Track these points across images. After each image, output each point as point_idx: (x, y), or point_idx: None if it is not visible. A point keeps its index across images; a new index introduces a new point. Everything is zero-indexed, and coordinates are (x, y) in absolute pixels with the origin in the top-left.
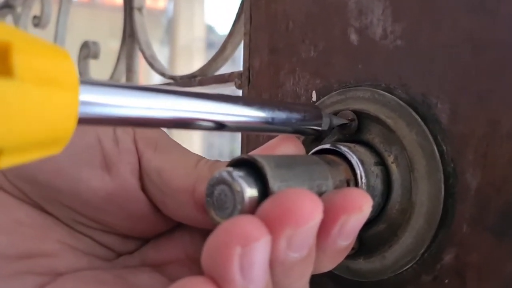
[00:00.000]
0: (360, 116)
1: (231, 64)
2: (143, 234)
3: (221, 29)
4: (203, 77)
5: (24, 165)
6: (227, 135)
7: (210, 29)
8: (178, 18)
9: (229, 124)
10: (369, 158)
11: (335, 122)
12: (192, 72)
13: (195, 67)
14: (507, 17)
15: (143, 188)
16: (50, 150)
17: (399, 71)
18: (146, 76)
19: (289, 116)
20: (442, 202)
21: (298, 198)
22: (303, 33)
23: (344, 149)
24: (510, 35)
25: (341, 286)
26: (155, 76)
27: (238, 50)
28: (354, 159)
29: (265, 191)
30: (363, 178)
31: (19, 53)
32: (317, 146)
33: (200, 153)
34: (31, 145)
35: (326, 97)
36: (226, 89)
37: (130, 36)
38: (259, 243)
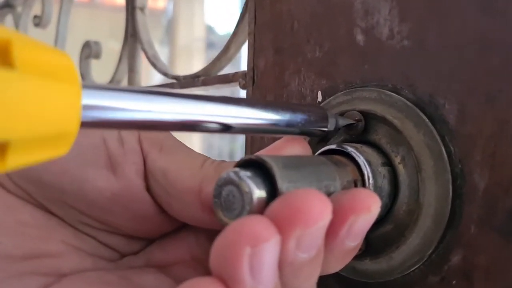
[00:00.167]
0: (367, 116)
1: (230, 64)
2: (148, 235)
3: (221, 29)
4: (206, 77)
5: (29, 166)
6: (226, 135)
7: (210, 29)
8: (178, 18)
9: (235, 126)
10: (376, 158)
11: (341, 123)
12: (196, 72)
13: (195, 67)
14: None
15: (148, 189)
16: (56, 148)
17: (406, 72)
18: (146, 76)
19: (296, 118)
20: (450, 203)
21: (307, 198)
22: (308, 33)
23: (351, 149)
24: None
25: (347, 287)
26: (156, 76)
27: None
28: (361, 159)
29: (273, 192)
30: (370, 178)
31: (20, 48)
32: (323, 147)
33: None
34: (36, 141)
35: (332, 97)
36: (226, 90)
37: (132, 36)
38: (268, 244)
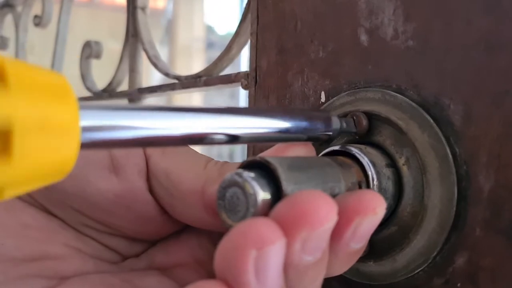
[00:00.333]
0: (371, 117)
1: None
2: (150, 237)
3: (220, 29)
4: (208, 77)
5: None
6: None
7: (209, 29)
8: (177, 18)
9: (242, 136)
10: (380, 160)
11: (346, 127)
12: (197, 72)
13: (194, 67)
14: None
15: (151, 190)
16: (53, 179)
17: (410, 72)
18: (146, 75)
19: (301, 124)
20: (455, 205)
21: (313, 200)
22: (312, 33)
23: (355, 150)
24: None
25: None
26: (156, 75)
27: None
28: (365, 160)
29: (277, 194)
30: (375, 180)
31: (14, 68)
32: (326, 148)
33: None
34: (33, 179)
35: (336, 98)
36: (226, 90)
37: (133, 36)
38: (274, 246)
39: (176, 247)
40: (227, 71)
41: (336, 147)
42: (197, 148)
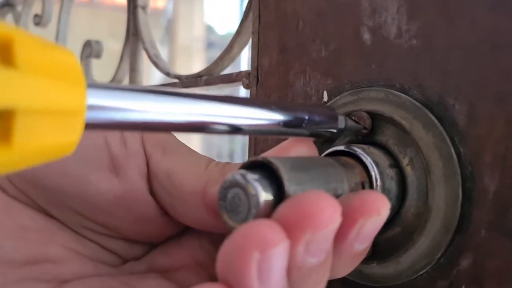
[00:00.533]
0: (374, 117)
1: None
2: (151, 239)
3: (220, 29)
4: (209, 77)
5: (30, 169)
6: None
7: (209, 29)
8: (177, 18)
9: (244, 127)
10: (384, 160)
11: (350, 125)
12: (198, 72)
13: (194, 67)
14: None
15: (152, 191)
16: (60, 150)
17: (414, 71)
18: (147, 75)
19: (305, 119)
20: (460, 206)
21: (317, 201)
22: (314, 32)
23: (358, 150)
24: None
25: None
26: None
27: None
28: (368, 161)
29: (280, 195)
30: (378, 180)
31: (21, 45)
32: (328, 148)
33: None
34: (32, 160)
35: (338, 97)
36: (226, 89)
37: (133, 35)
38: (277, 248)
39: (176, 249)
40: (228, 70)
41: (339, 147)
42: (197, 148)
